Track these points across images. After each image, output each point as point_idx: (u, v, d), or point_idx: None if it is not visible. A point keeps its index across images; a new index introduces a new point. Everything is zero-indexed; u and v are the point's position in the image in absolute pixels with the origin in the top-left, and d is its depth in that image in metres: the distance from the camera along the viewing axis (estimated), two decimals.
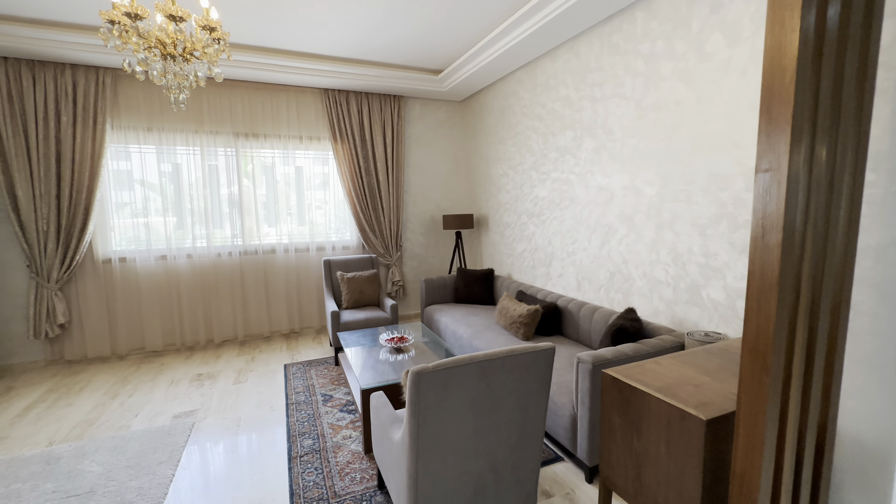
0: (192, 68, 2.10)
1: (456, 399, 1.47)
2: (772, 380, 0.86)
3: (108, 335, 3.99)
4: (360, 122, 4.66)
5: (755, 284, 0.89)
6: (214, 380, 3.56)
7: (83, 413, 3.01)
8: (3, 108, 3.46)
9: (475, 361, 1.48)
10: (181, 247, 4.18)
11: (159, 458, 2.43)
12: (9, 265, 3.70)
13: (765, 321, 0.87)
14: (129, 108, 3.87)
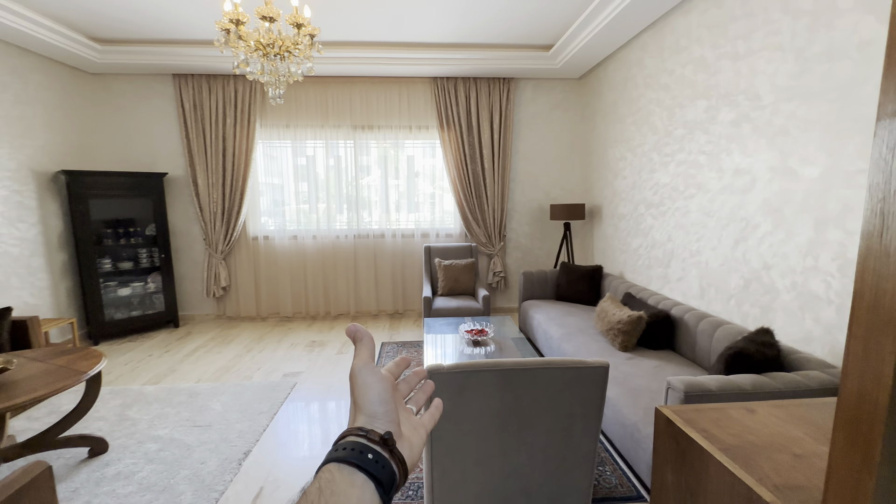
0: (286, 66, 2.31)
1: (475, 407, 1.30)
2: (877, 482, 0.50)
3: (254, 299, 4.84)
4: (466, 109, 4.60)
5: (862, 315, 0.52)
6: (323, 348, 3.99)
7: (225, 360, 3.70)
8: (189, 115, 4.41)
9: (499, 369, 1.28)
10: (308, 229, 4.79)
11: (262, 408, 2.82)
12: (194, 238, 4.76)
13: (874, 378, 0.50)
14: (273, 109, 4.54)
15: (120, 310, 4.33)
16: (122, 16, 3.33)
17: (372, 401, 0.40)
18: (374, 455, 0.35)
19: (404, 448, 0.39)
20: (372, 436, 0.37)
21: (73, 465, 2.21)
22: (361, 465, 0.34)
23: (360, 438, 0.36)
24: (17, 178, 3.59)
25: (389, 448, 0.37)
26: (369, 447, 0.36)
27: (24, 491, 1.24)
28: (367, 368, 0.42)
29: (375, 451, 0.36)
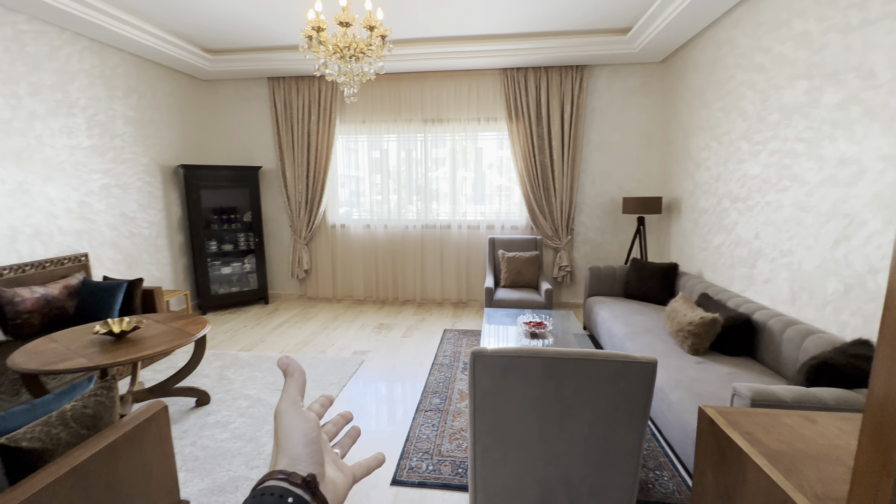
0: (359, 66, 2.49)
1: (516, 391, 1.35)
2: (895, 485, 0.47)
3: (331, 282, 5.27)
4: (536, 99, 4.52)
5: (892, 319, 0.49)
6: (389, 330, 4.25)
7: (305, 335, 4.11)
8: (280, 113, 4.90)
9: (540, 356, 1.31)
10: (380, 218, 5.08)
11: (332, 380, 3.11)
12: (282, 225, 5.30)
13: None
14: (350, 106, 4.87)
15: (222, 286, 5.00)
16: (228, 29, 3.80)
17: (296, 442, 0.39)
18: (295, 499, 0.35)
19: (328, 490, 0.38)
20: (294, 479, 0.36)
21: (184, 412, 2.65)
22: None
23: (280, 482, 0.36)
24: (148, 171, 4.29)
25: (311, 490, 0.36)
26: (290, 491, 0.35)
27: (148, 423, 1.55)
28: (294, 408, 0.41)
29: (296, 494, 0.35)
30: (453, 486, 2.00)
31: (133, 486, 1.47)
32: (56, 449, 1.30)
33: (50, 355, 2.18)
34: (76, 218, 3.55)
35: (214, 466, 2.14)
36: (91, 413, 1.42)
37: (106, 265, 3.82)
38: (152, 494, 1.56)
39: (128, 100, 4.01)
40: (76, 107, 3.52)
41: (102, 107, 3.75)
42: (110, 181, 3.85)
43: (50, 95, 3.31)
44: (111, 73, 3.83)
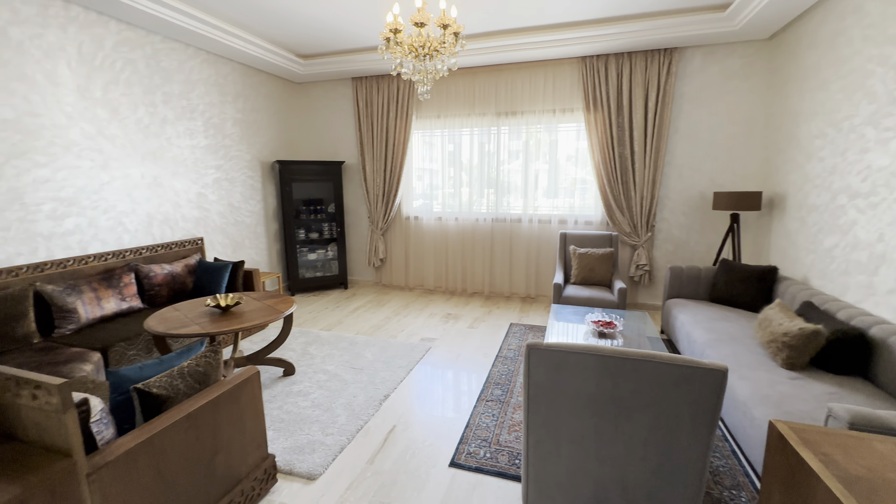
0: (433, 64, 2.58)
1: (571, 387, 1.35)
2: None
3: (404, 271, 5.53)
4: (617, 87, 4.27)
5: None
6: (457, 320, 4.36)
7: (378, 320, 4.39)
8: (362, 111, 5.22)
9: (597, 354, 1.30)
10: (451, 211, 5.20)
11: (401, 363, 3.30)
12: (361, 216, 5.68)
13: None
14: (426, 102, 5.03)
15: (308, 270, 5.50)
16: (318, 35, 4.14)
17: None
18: None
19: None
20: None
21: (273, 380, 3.01)
22: None
23: None
24: (251, 166, 4.86)
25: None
26: None
27: (244, 384, 1.80)
28: None
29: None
30: (509, 475, 2.04)
31: (231, 435, 1.74)
32: (176, 397, 1.58)
33: (173, 321, 2.62)
34: (195, 207, 4.15)
35: (296, 429, 2.41)
36: (202, 371, 1.70)
37: (216, 248, 4.42)
38: (246, 445, 1.83)
39: (235, 104, 4.57)
40: (196, 112, 4.10)
41: (216, 111, 4.32)
42: (221, 175, 4.44)
43: (177, 103, 3.90)
44: (223, 81, 4.39)
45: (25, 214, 2.86)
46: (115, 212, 3.43)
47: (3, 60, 2.70)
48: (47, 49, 2.92)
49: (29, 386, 1.17)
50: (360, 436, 2.39)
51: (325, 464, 2.13)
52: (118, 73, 3.38)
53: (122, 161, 3.45)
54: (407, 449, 2.28)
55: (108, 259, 3.35)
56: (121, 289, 3.22)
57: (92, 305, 3.00)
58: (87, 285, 3.03)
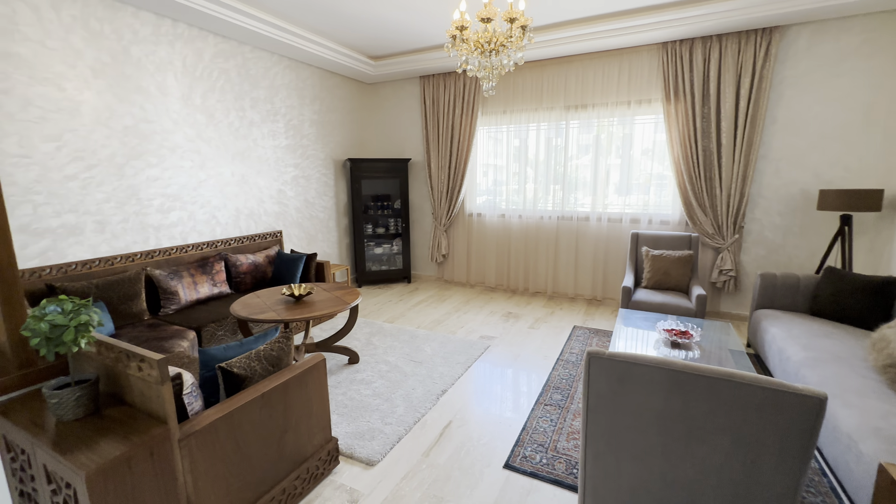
0: (498, 59, 2.54)
1: (634, 401, 1.27)
2: None
3: (465, 268, 5.56)
4: (703, 74, 3.89)
5: None
6: (517, 320, 4.29)
7: (438, 315, 4.46)
8: (429, 109, 5.30)
9: (667, 367, 1.20)
10: (515, 208, 5.11)
11: (459, 359, 3.33)
12: (425, 212, 5.79)
13: None
14: (492, 97, 4.98)
15: (374, 263, 5.74)
16: (388, 35, 4.27)
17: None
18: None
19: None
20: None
21: (338, 367, 3.19)
22: None
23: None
24: (325, 165, 5.16)
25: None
26: None
27: (312, 370, 1.92)
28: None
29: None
30: (565, 484, 1.97)
31: (300, 417, 1.87)
32: (252, 377, 1.74)
33: (254, 307, 2.87)
34: (275, 203, 4.51)
35: (357, 416, 2.54)
36: (275, 354, 1.85)
37: (293, 241, 4.78)
38: (312, 427, 1.96)
39: (312, 106, 4.88)
40: (278, 114, 4.44)
41: (295, 113, 4.65)
42: (298, 174, 4.77)
43: (262, 107, 4.25)
44: (302, 85, 4.70)
45: (140, 208, 3.30)
46: (210, 206, 3.83)
47: (126, 75, 3.13)
48: (159, 63, 3.33)
49: (136, 359, 1.36)
50: (417, 428, 2.45)
51: (384, 451, 2.22)
52: (214, 82, 3.76)
53: (216, 161, 3.84)
54: (462, 446, 2.29)
55: (204, 248, 3.76)
56: (213, 275, 3.60)
57: (190, 289, 3.39)
58: (186, 271, 3.44)
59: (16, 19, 2.58)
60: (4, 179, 2.58)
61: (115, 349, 1.41)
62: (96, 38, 2.95)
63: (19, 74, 2.61)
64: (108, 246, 3.13)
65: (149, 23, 3.24)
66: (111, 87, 3.05)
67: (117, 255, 3.15)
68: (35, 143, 2.70)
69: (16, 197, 2.64)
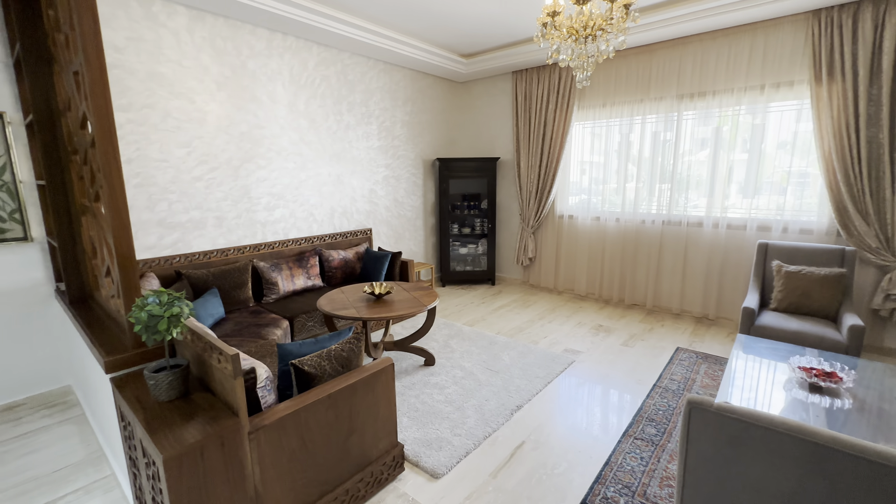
0: (594, 46, 2.26)
1: (752, 473, 0.97)
2: None
3: (553, 273, 5.23)
4: (872, 46, 3.07)
5: None
6: (608, 334, 3.89)
7: (521, 322, 4.24)
8: (521, 105, 5.08)
9: (804, 435, 0.89)
10: (612, 210, 4.65)
11: (539, 372, 3.10)
12: (512, 213, 5.58)
13: None
14: (590, 90, 4.57)
15: (459, 263, 5.71)
16: (479, 32, 4.16)
17: None
18: None
19: None
20: None
21: (414, 368, 3.19)
22: None
23: None
24: (414, 164, 5.26)
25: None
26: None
27: (379, 374, 1.90)
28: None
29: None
30: None
31: (365, 419, 1.86)
32: (322, 376, 1.77)
33: (338, 303, 3.00)
34: (367, 202, 4.71)
35: (427, 422, 2.48)
36: (345, 355, 1.86)
37: (382, 238, 4.95)
38: (378, 430, 1.94)
39: (405, 107, 4.99)
40: (372, 116, 4.62)
41: (388, 115, 4.80)
42: (389, 174, 4.92)
43: (358, 110, 4.46)
44: (395, 87, 4.83)
45: (250, 206, 3.68)
46: (308, 205, 4.13)
47: (243, 86, 3.50)
48: (270, 74, 3.66)
49: (216, 351, 1.44)
50: (487, 444, 2.31)
51: (450, 465, 2.12)
52: (316, 89, 4.03)
53: (315, 162, 4.13)
54: (534, 472, 2.10)
55: (301, 244, 4.06)
56: (308, 269, 3.87)
57: (287, 281, 3.69)
58: (285, 264, 3.74)
59: (161, 44, 3.01)
60: (147, 180, 3.05)
61: (203, 340, 1.52)
62: (220, 55, 3.33)
63: (162, 90, 3.05)
64: (224, 239, 3.54)
65: (263, 38, 3.57)
66: (231, 97, 3.43)
67: (231, 247, 3.55)
68: (171, 149, 3.14)
69: (156, 195, 3.11)
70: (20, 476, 2.11)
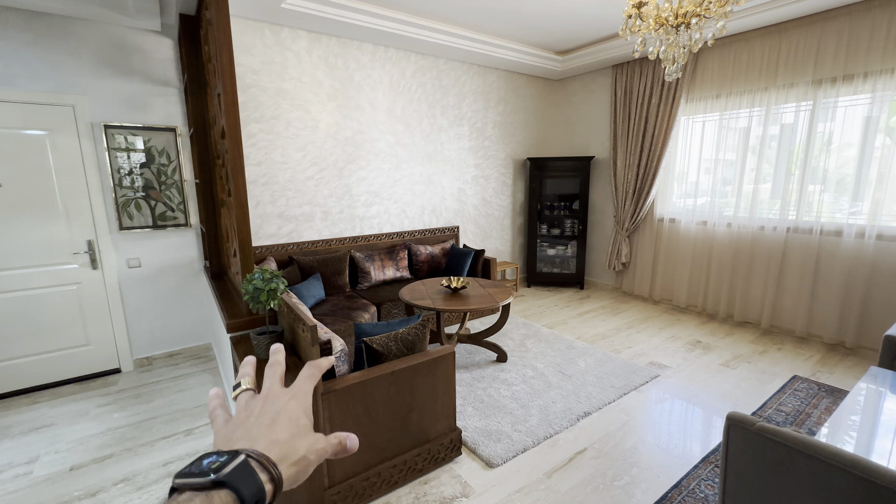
0: (686, 35, 2.08)
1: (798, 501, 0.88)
2: None
3: (648, 281, 4.83)
4: None
5: None
6: (706, 352, 3.50)
7: (605, 329, 4.04)
8: (620, 100, 4.79)
9: (859, 471, 0.78)
10: (723, 214, 4.13)
11: (615, 382, 2.95)
12: (606, 214, 5.29)
13: None
14: (702, 80, 4.11)
15: (546, 265, 5.60)
16: (575, 27, 4.04)
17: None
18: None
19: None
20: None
21: (486, 363, 3.28)
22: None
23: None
24: (504, 164, 5.31)
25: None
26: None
27: (439, 360, 2.04)
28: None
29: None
30: None
31: (425, 400, 2.03)
32: (389, 355, 1.97)
33: (417, 293, 3.23)
34: (455, 200, 4.92)
35: (490, 415, 2.56)
36: (410, 339, 2.05)
37: (468, 236, 5.12)
38: (437, 412, 2.09)
39: (497, 108, 5.07)
40: (464, 118, 4.80)
41: (480, 116, 4.93)
42: (478, 173, 5.06)
43: (451, 113, 4.68)
44: (488, 89, 4.94)
45: (351, 202, 4.13)
46: (402, 202, 4.48)
47: (349, 96, 3.95)
48: (373, 84, 4.06)
49: (301, 322, 1.73)
50: (547, 444, 2.31)
51: (506, 457, 2.18)
52: (412, 94, 4.34)
53: (409, 163, 4.45)
54: (591, 479, 2.04)
55: (393, 238, 4.43)
56: (397, 261, 4.21)
57: (379, 271, 4.06)
58: (378, 256, 4.12)
59: (286, 64, 3.57)
60: (272, 180, 3.65)
61: (294, 312, 1.83)
62: (332, 69, 3.81)
63: (285, 104, 3.62)
64: (328, 231, 4.04)
65: (367, 52, 3.98)
66: (339, 107, 3.91)
67: (333, 238, 4.04)
68: (290, 153, 3.71)
69: (277, 192, 3.70)
70: (172, 407, 2.74)
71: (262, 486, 0.34)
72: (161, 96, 3.14)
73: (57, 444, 2.37)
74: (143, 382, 3.08)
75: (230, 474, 0.33)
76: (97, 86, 2.92)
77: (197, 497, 0.31)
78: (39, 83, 2.74)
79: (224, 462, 0.34)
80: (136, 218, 3.13)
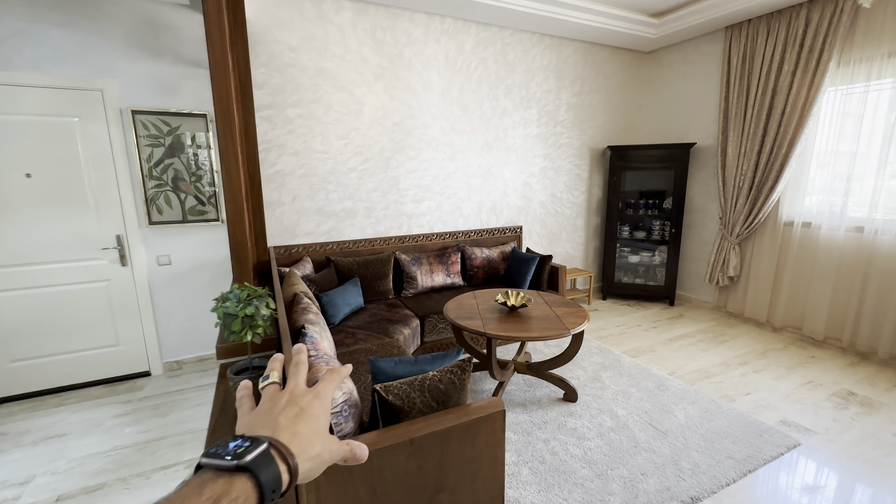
0: None
1: None
2: None
3: (767, 301, 3.77)
4: None
5: None
6: (868, 411, 2.50)
7: (708, 363, 3.14)
8: (735, 71, 3.77)
9: None
10: (888, 218, 3.01)
11: (734, 450, 2.12)
12: (708, 216, 4.28)
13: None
14: (864, 36, 3.01)
15: (626, 274, 4.71)
16: None
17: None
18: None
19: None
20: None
21: (551, 401, 2.59)
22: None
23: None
24: (579, 154, 4.51)
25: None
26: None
27: (484, 421, 1.44)
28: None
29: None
30: None
31: (460, 477, 1.43)
32: (410, 411, 1.40)
33: (466, 309, 2.63)
34: (519, 196, 4.24)
35: (553, 484, 1.90)
36: (442, 388, 1.46)
37: (533, 238, 4.41)
38: (477, 493, 1.48)
39: (572, 87, 4.29)
40: (532, 100, 4.09)
41: (551, 97, 4.19)
42: (547, 164, 4.32)
43: (517, 93, 4.00)
44: (563, 65, 4.17)
45: (398, 198, 3.64)
46: (456, 198, 3.91)
47: (399, 76, 3.44)
48: (425, 61, 3.52)
49: None
50: None
51: None
52: (472, 73, 3.73)
53: (465, 153, 3.86)
54: None
55: (445, 238, 3.87)
56: (448, 266, 3.65)
57: (426, 276, 3.53)
58: (426, 258, 3.59)
59: (328, 40, 3.15)
60: (310, 171, 3.26)
61: None
62: (380, 45, 3.32)
63: (326, 85, 3.20)
64: (372, 229, 3.59)
65: (420, 23, 3.44)
66: (386, 88, 3.42)
67: (377, 237, 3.59)
68: (331, 141, 3.30)
69: (316, 185, 3.31)
70: (184, 426, 2.44)
71: (280, 475, 0.37)
72: (192, 79, 2.86)
73: (58, 462, 2.14)
74: (167, 390, 2.84)
75: (252, 461, 0.35)
76: (126, 68, 2.70)
77: (220, 478, 0.34)
78: (67, 67, 2.56)
79: (248, 448, 0.36)
80: (166, 212, 2.90)
